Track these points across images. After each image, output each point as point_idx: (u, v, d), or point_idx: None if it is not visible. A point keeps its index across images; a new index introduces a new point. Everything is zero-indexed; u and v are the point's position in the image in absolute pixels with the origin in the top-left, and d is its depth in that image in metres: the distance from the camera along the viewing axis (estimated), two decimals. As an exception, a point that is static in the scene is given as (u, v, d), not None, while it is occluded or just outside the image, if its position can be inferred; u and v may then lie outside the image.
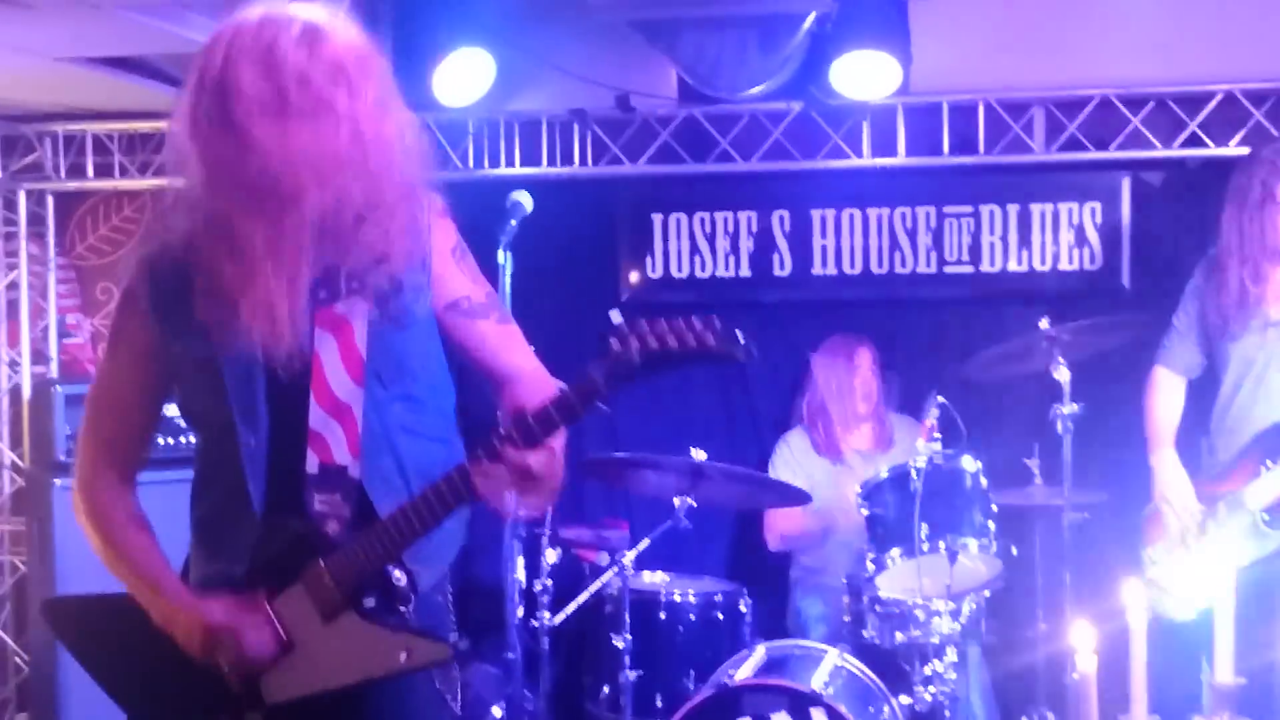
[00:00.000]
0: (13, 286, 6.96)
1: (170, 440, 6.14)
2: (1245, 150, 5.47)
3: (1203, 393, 4.83)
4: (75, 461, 2.86)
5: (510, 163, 6.36)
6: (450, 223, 2.81)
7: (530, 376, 2.82)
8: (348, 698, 2.66)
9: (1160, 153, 5.94)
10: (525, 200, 4.35)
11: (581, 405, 2.46)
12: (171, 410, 2.82)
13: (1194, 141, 5.87)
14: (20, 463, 6.86)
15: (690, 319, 2.42)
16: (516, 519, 4.19)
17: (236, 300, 2.50)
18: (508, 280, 4.26)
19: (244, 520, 2.66)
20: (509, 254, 4.29)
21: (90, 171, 6.85)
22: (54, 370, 6.99)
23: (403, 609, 2.66)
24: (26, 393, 6.86)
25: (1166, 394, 4.74)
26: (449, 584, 2.88)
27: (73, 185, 6.92)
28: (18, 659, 6.87)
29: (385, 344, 2.65)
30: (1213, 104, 5.84)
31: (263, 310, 2.50)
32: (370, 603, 2.64)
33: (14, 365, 6.98)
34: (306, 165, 2.44)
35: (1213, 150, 5.82)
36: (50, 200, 7.00)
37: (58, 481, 6.01)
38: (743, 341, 2.43)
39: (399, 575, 2.63)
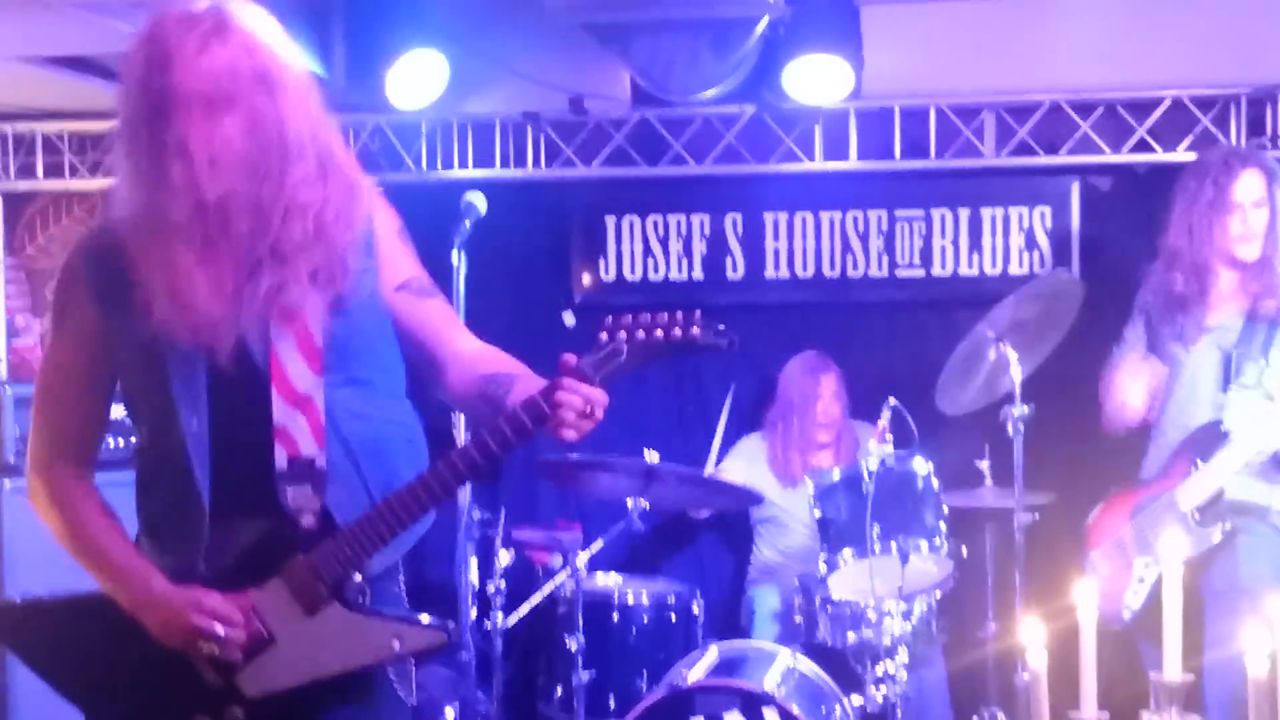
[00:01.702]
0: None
1: (119, 441, 6.18)
2: (1192, 156, 5.53)
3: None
4: (29, 451, 2.82)
5: (464, 164, 6.36)
6: (390, 207, 2.84)
7: (486, 350, 2.82)
8: (324, 688, 2.67)
9: (1109, 158, 6.00)
10: (479, 202, 4.35)
11: (574, 391, 2.52)
12: (118, 410, 2.82)
13: (1142, 147, 5.93)
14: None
15: (675, 312, 2.52)
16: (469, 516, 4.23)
17: (170, 295, 2.50)
18: (461, 281, 4.26)
19: (192, 513, 2.64)
20: (463, 255, 4.30)
21: (40, 172, 6.82)
22: (2, 371, 6.94)
23: (360, 599, 2.68)
24: (-11, 377, 6.83)
25: (1129, 368, 4.73)
26: (401, 574, 2.88)
27: (23, 186, 6.88)
28: (-33, 664, 6.82)
29: (331, 330, 2.64)
30: (1160, 110, 5.89)
31: (195, 307, 2.50)
32: (352, 594, 2.66)
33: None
34: (223, 160, 2.46)
35: (1161, 155, 5.87)
36: (33, 203, 6.96)
37: (7, 484, 5.96)
38: (724, 334, 2.54)
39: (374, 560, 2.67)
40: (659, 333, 2.51)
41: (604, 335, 2.53)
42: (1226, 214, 4.50)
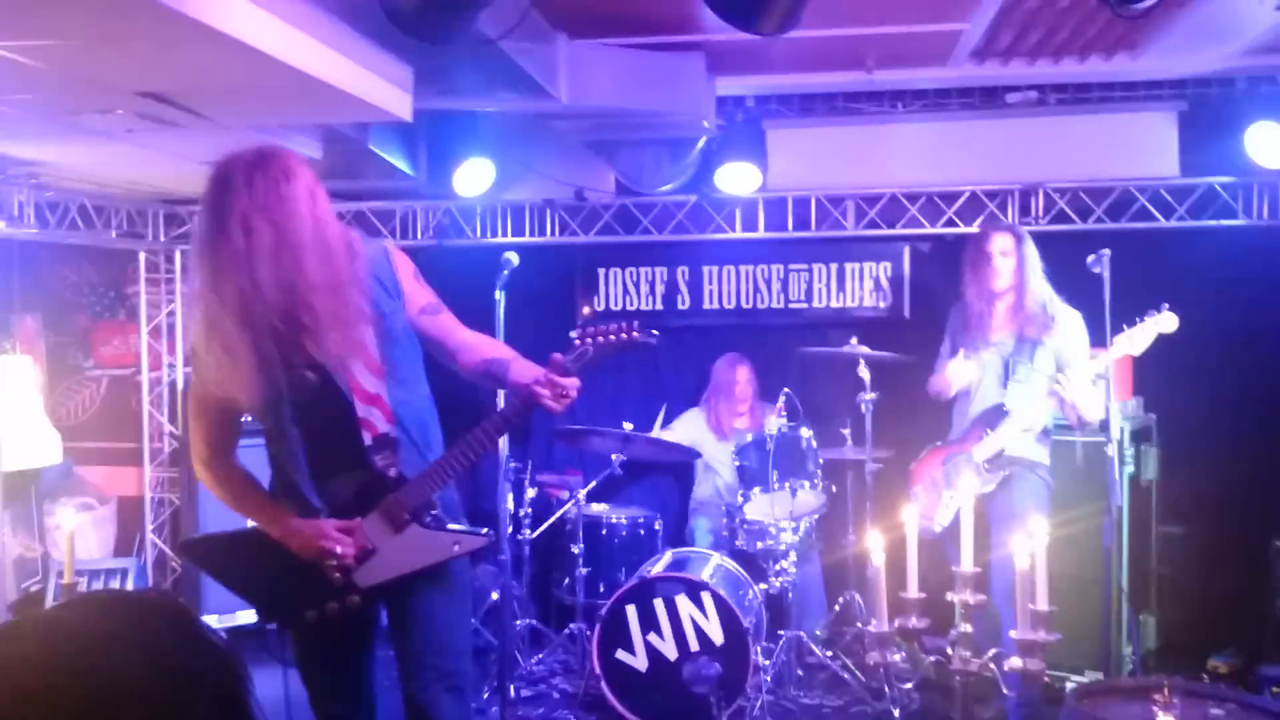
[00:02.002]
0: (170, 314, 6.91)
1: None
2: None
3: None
4: (191, 450, 2.83)
5: (505, 234, 6.35)
6: (405, 255, 2.86)
7: (482, 340, 2.88)
8: (414, 576, 2.74)
9: (929, 230, 6.00)
10: (513, 257, 4.37)
11: (563, 378, 2.65)
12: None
13: (950, 223, 5.94)
14: (176, 431, 6.81)
15: (620, 322, 2.72)
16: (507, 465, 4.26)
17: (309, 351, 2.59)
18: (501, 311, 4.28)
19: (295, 490, 2.73)
20: (503, 294, 4.32)
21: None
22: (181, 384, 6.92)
23: (438, 514, 2.77)
24: (180, 384, 6.81)
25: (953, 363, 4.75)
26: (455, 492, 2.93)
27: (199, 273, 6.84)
28: (173, 563, 6.81)
29: (381, 352, 2.69)
30: (962, 199, 5.90)
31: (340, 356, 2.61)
32: (425, 518, 2.73)
33: (171, 367, 6.93)
34: (285, 262, 2.50)
35: (962, 229, 5.86)
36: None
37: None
38: (653, 334, 2.74)
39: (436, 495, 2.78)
40: (612, 336, 2.68)
41: (575, 339, 2.68)
42: (985, 264, 4.55)
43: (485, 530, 2.82)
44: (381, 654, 2.96)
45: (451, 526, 2.79)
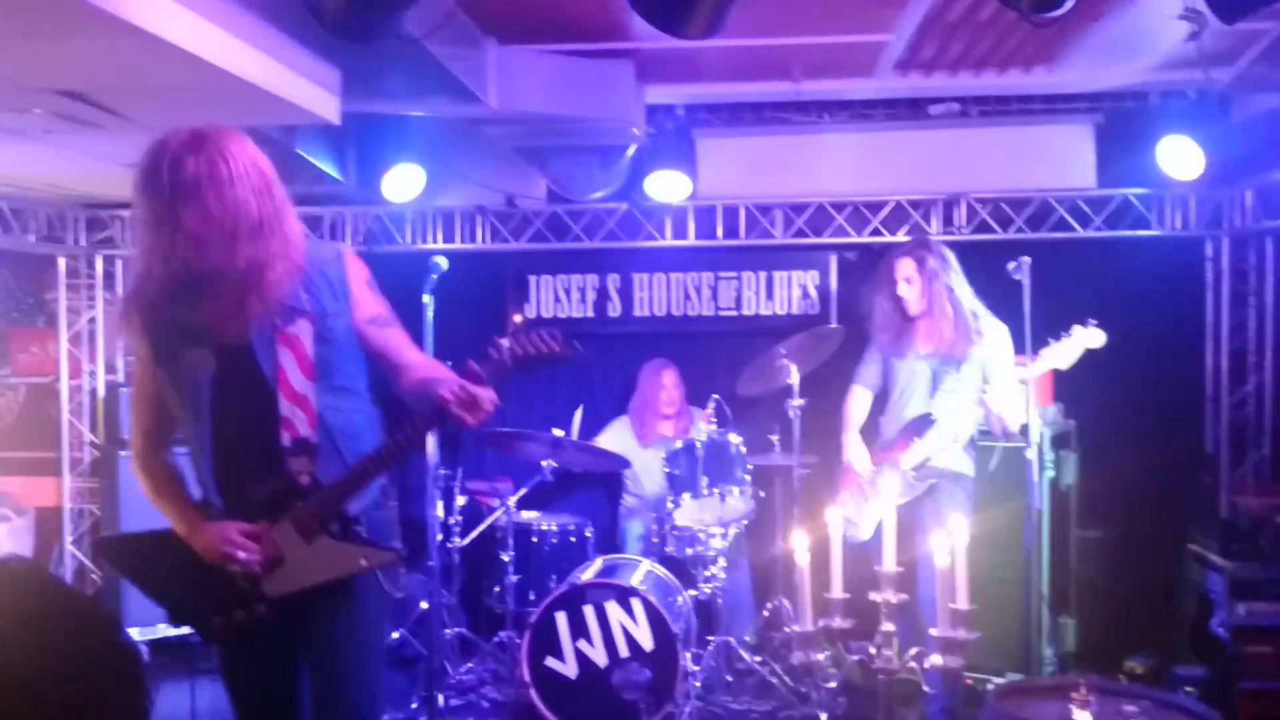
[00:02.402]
0: (91, 321, 6.76)
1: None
2: (908, 238, 5.63)
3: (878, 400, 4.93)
4: (129, 439, 2.80)
5: (435, 240, 6.31)
6: (361, 262, 2.77)
7: (426, 362, 2.81)
8: (321, 590, 2.64)
9: (855, 239, 6.08)
10: (442, 261, 4.34)
11: (476, 389, 2.49)
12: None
13: (876, 232, 6.02)
14: (97, 440, 6.66)
15: (542, 331, 2.54)
16: (436, 472, 4.20)
17: (199, 334, 2.52)
18: (430, 316, 4.24)
19: (205, 476, 2.66)
20: (432, 298, 4.28)
21: (147, 242, 6.67)
22: (120, 377, 6.79)
23: (357, 528, 2.66)
24: (101, 392, 6.65)
25: (858, 401, 4.73)
26: (391, 501, 2.81)
27: (130, 251, 6.73)
28: (93, 576, 6.65)
29: (318, 353, 2.61)
30: (888, 209, 6.00)
31: (220, 339, 2.53)
32: (335, 528, 2.62)
33: (92, 374, 6.77)
34: (222, 236, 2.44)
35: (887, 238, 5.95)
36: (119, 262, 6.79)
37: (123, 453, 5.84)
38: (576, 347, 2.57)
39: (350, 506, 2.65)
40: (531, 348, 2.51)
41: (492, 350, 2.51)
42: (890, 286, 4.57)
43: (394, 545, 2.71)
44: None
45: (360, 540, 2.67)
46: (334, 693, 2.70)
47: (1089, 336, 4.29)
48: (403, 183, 5.64)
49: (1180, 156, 5.12)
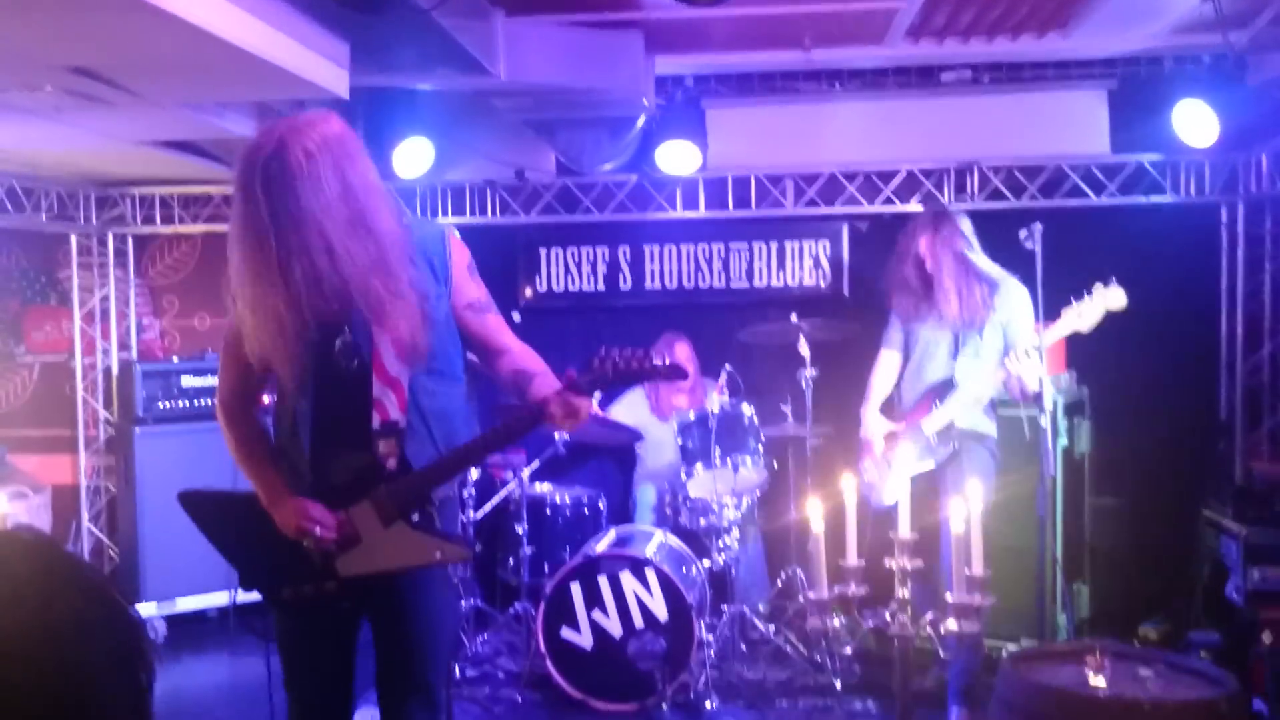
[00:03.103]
0: (104, 299, 6.78)
1: (195, 403, 6.09)
2: (920, 208, 5.61)
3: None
4: (217, 393, 2.77)
5: (445, 214, 6.31)
6: (463, 245, 2.73)
7: (521, 349, 2.75)
8: (394, 576, 2.65)
9: (867, 209, 6.06)
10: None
11: (575, 400, 2.50)
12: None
13: (888, 202, 6.00)
14: (111, 418, 6.69)
15: (640, 350, 2.53)
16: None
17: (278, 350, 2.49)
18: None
19: (298, 456, 2.65)
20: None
21: (158, 220, 6.69)
22: (134, 354, 6.82)
23: (430, 510, 2.64)
24: (115, 370, 6.69)
25: (885, 365, 4.67)
26: (456, 486, 2.83)
27: (145, 230, 6.75)
28: (110, 552, 6.70)
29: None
30: (899, 178, 5.97)
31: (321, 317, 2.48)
32: (415, 517, 2.62)
33: (106, 352, 6.81)
34: (331, 230, 2.38)
35: (899, 207, 5.94)
36: (130, 239, 6.82)
37: (137, 430, 5.87)
38: (667, 363, 2.55)
39: (433, 494, 2.64)
40: (634, 363, 2.51)
41: (595, 361, 2.51)
42: (909, 254, 4.51)
43: (472, 543, 2.73)
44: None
45: (439, 532, 2.65)
46: (412, 675, 2.71)
47: (1110, 296, 4.26)
48: (412, 157, 5.63)
49: (1195, 122, 5.07)
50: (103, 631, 0.89)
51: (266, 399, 2.79)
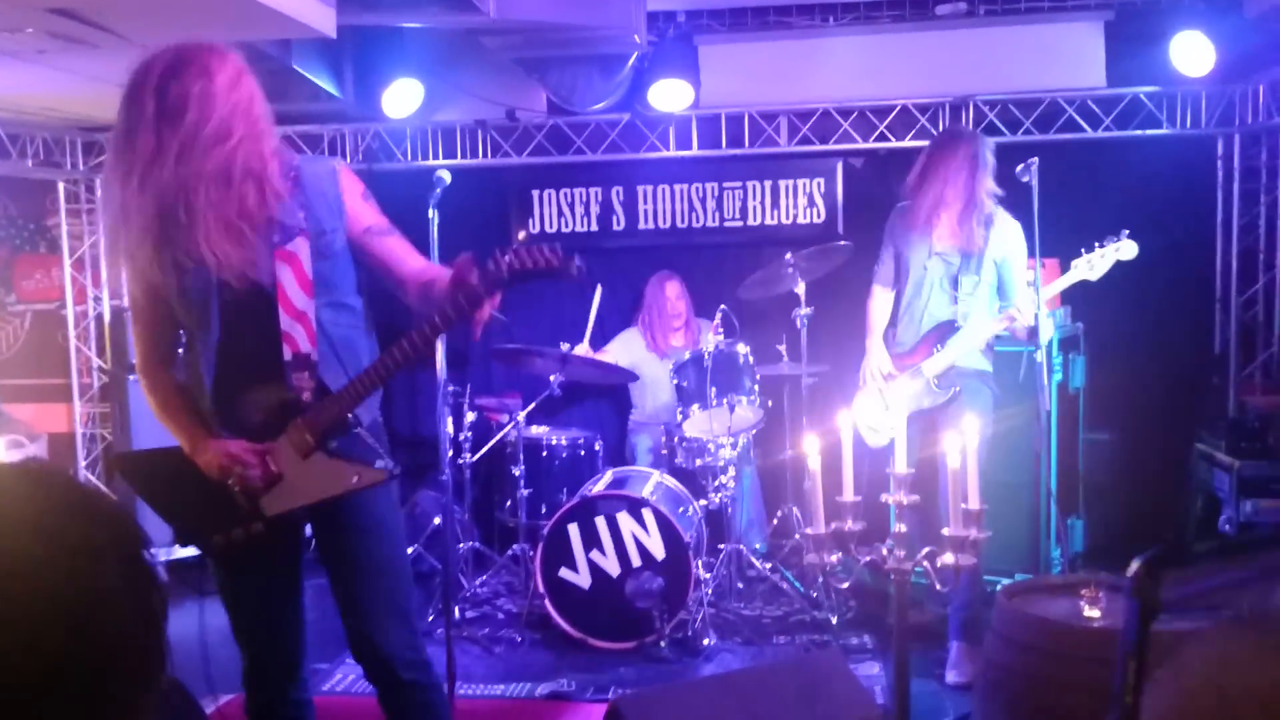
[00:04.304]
0: (94, 246, 6.73)
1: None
2: (915, 144, 5.57)
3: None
4: (135, 357, 2.78)
5: (436, 156, 6.26)
6: (354, 174, 2.73)
7: (429, 266, 2.76)
8: (322, 507, 2.66)
9: (862, 145, 6.01)
10: (445, 175, 4.26)
11: (471, 304, 2.46)
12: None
13: (882, 138, 5.96)
14: (105, 365, 6.68)
15: (543, 246, 2.46)
16: (445, 389, 4.21)
17: (192, 249, 2.45)
18: (435, 231, 4.21)
19: (202, 393, 2.64)
20: (436, 213, 4.24)
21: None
22: (125, 302, 6.78)
23: (357, 431, 2.64)
24: (108, 317, 6.67)
25: (879, 302, 4.63)
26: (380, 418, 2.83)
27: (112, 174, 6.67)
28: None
29: (317, 269, 2.59)
30: (894, 114, 5.92)
31: (220, 254, 2.46)
32: (333, 445, 2.62)
33: (97, 299, 6.78)
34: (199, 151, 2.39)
35: (895, 143, 5.91)
36: (118, 185, 6.75)
37: (131, 377, 5.87)
38: (576, 263, 2.48)
39: (350, 418, 2.62)
40: (530, 261, 2.45)
41: (490, 263, 2.45)
42: (980, 173, 4.29)
43: (388, 465, 2.65)
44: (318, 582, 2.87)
45: (355, 457, 2.64)
46: (376, 591, 2.72)
47: (1123, 248, 4.24)
48: (402, 98, 5.58)
49: (1192, 52, 5.03)
50: (115, 558, 0.91)
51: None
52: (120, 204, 2.45)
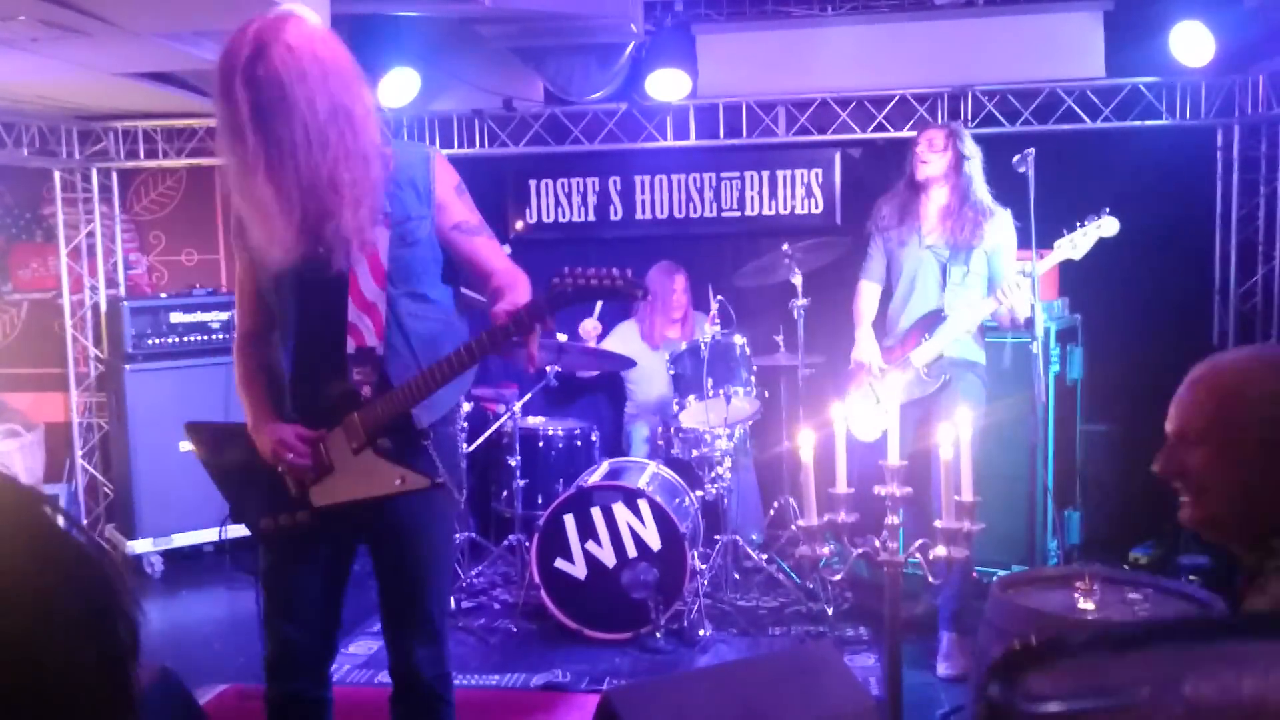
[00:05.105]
0: (90, 235, 6.72)
1: (185, 339, 6.07)
2: (914, 133, 5.53)
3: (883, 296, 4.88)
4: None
5: (432, 145, 6.22)
6: (449, 166, 2.66)
7: (507, 269, 2.66)
8: (369, 507, 2.62)
9: (859, 135, 5.98)
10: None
11: (533, 317, 2.41)
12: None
13: (880, 128, 5.93)
14: (101, 355, 6.66)
15: (610, 268, 2.43)
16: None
17: (272, 237, 2.44)
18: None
19: (281, 378, 2.65)
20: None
21: (142, 154, 6.60)
22: (122, 291, 6.77)
23: (418, 434, 2.59)
24: (104, 307, 6.65)
25: (867, 296, 4.65)
26: (458, 421, 2.77)
27: (129, 164, 6.66)
28: (105, 489, 6.71)
29: (397, 257, 2.55)
30: (892, 104, 5.89)
31: (291, 241, 2.44)
32: (385, 443, 2.57)
33: (93, 289, 6.76)
34: (307, 143, 2.35)
35: (892, 134, 5.88)
36: (114, 174, 6.74)
37: (127, 367, 5.85)
38: (643, 286, 2.47)
39: (412, 420, 2.57)
40: (594, 280, 2.41)
41: (555, 279, 2.41)
42: (913, 159, 4.42)
43: (435, 477, 2.58)
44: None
45: (403, 460, 2.58)
46: (411, 612, 2.70)
47: (1104, 225, 4.24)
48: (397, 88, 5.54)
49: (1191, 43, 5.00)
50: (66, 598, 0.82)
51: None
52: (255, 199, 2.41)
